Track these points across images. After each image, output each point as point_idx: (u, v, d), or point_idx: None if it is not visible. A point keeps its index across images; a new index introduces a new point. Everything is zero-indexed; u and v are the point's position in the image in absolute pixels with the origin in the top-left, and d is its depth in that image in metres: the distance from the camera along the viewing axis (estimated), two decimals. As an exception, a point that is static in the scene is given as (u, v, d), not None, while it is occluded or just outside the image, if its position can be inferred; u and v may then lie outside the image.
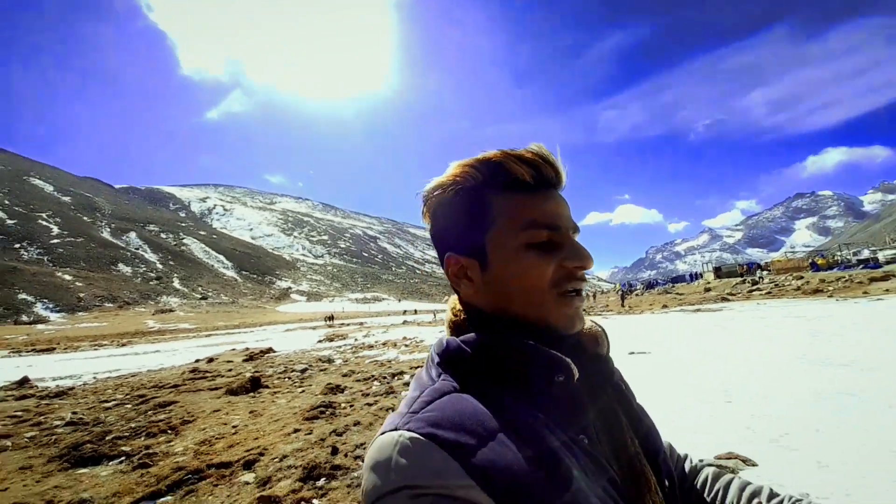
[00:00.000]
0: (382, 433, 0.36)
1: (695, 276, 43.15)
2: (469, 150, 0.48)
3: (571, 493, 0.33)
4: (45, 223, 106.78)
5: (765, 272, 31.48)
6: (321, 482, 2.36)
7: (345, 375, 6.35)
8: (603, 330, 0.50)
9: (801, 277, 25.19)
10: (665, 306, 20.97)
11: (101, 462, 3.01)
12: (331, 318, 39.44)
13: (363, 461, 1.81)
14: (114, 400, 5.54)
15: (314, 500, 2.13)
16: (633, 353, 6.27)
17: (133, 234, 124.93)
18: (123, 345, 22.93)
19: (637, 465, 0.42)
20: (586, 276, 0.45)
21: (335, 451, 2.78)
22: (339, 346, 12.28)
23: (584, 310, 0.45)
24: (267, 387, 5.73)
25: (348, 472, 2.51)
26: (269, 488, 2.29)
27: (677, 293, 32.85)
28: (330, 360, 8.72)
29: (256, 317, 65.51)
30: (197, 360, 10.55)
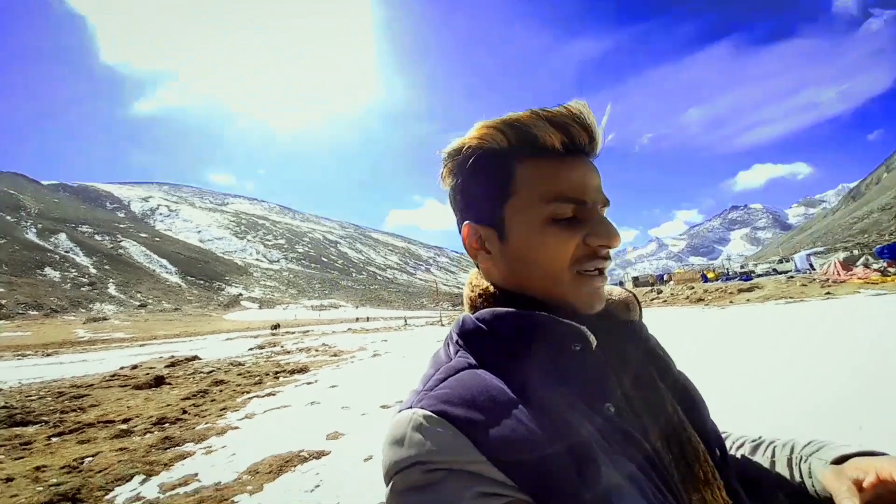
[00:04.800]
0: (399, 411, 0.36)
1: (620, 284, 47.74)
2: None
3: (591, 465, 0.32)
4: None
5: (670, 283, 35.81)
6: (166, 427, 4.11)
7: (239, 374, 7.96)
8: (634, 295, 0.48)
9: (692, 288, 29.24)
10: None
11: (28, 424, 4.54)
12: (276, 326, 39.57)
13: (196, 422, 3.93)
14: (37, 396, 6.82)
15: (157, 428, 3.89)
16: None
17: (63, 236, 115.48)
18: (49, 354, 22.47)
19: (683, 434, 0.40)
20: (610, 256, 0.43)
21: (185, 412, 4.53)
22: (263, 353, 13.63)
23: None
24: (169, 384, 7.23)
25: (186, 423, 4.26)
26: (130, 429, 4.01)
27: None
28: (242, 364, 10.19)
29: (200, 325, 63.40)
30: (121, 368, 11.53)
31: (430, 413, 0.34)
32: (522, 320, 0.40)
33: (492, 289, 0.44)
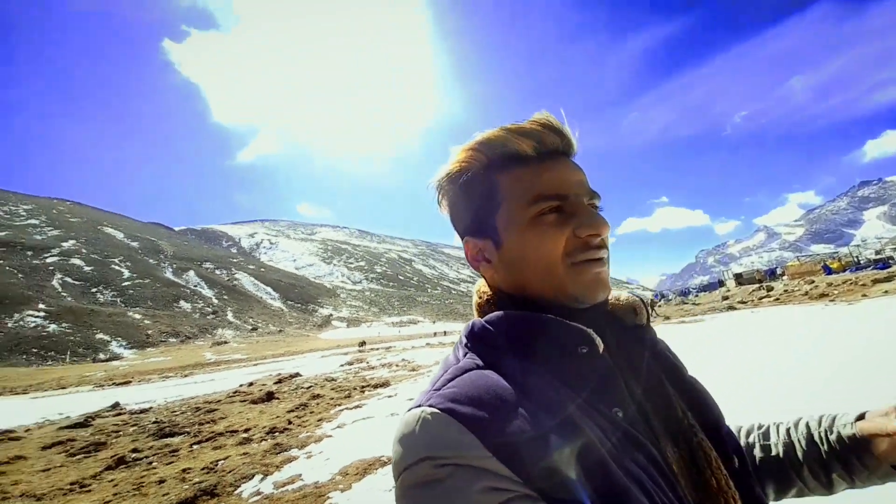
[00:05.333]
0: (408, 410, 0.37)
1: (720, 284, 42.41)
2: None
3: (597, 467, 0.33)
4: (117, 268, 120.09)
5: (784, 277, 31.01)
6: (277, 435, 4.85)
7: (332, 389, 8.87)
8: (641, 299, 0.49)
9: (812, 282, 25.04)
10: (667, 318, 21.84)
11: (175, 435, 5.67)
12: (363, 343, 42.42)
13: (300, 431, 4.75)
14: (180, 411, 8.35)
15: (270, 437, 4.62)
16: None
17: (192, 273, 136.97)
18: (186, 375, 26.86)
19: (693, 440, 0.40)
20: (606, 243, 0.44)
21: (290, 422, 5.28)
22: (352, 369, 14.85)
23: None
24: (277, 398, 8.35)
25: (292, 432, 4.98)
26: (250, 437, 4.81)
27: (693, 303, 32.92)
28: (334, 380, 11.28)
29: (300, 344, 70.19)
30: (241, 385, 13.47)
31: (437, 410, 0.35)
32: (529, 322, 0.41)
33: (498, 294, 0.46)
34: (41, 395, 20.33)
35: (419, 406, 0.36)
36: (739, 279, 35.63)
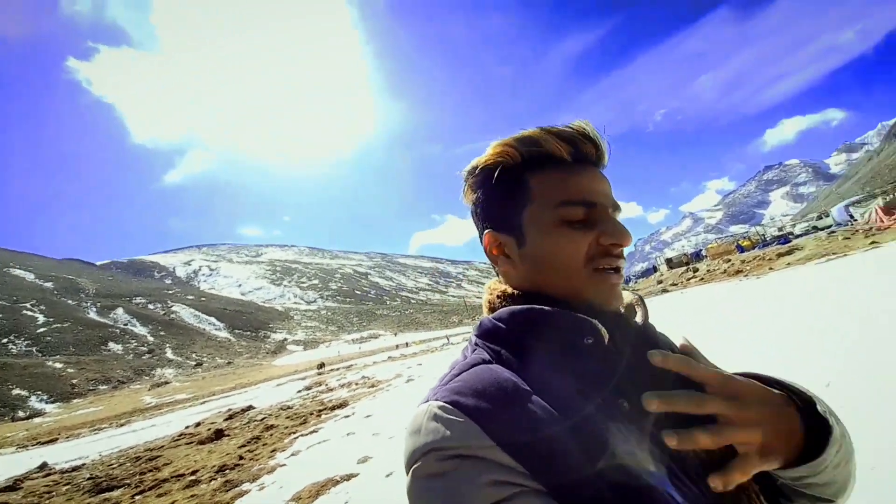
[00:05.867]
0: (418, 406, 0.38)
1: (654, 269, 46.12)
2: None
3: (602, 453, 0.33)
4: (30, 313, 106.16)
5: (706, 259, 34.46)
6: (227, 472, 4.73)
7: (287, 417, 8.63)
8: (640, 298, 0.50)
9: (729, 261, 28.06)
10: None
11: (114, 489, 5.31)
12: (322, 365, 40.91)
13: (251, 465, 4.65)
14: (117, 464, 7.71)
15: (220, 475, 4.50)
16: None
17: (120, 310, 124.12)
18: (122, 425, 24.34)
19: None
20: (623, 255, 0.45)
21: (241, 458, 5.16)
22: (310, 393, 14.41)
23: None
24: (228, 435, 7.99)
25: (243, 467, 4.87)
26: (198, 479, 4.65)
27: (633, 290, 35.47)
28: (290, 408, 10.92)
29: (252, 375, 66.07)
30: (186, 427, 12.56)
31: (443, 403, 0.36)
32: (533, 314, 0.42)
33: (510, 290, 0.47)
34: (-54, 468, 17.53)
35: (427, 401, 0.37)
36: (670, 263, 38.94)
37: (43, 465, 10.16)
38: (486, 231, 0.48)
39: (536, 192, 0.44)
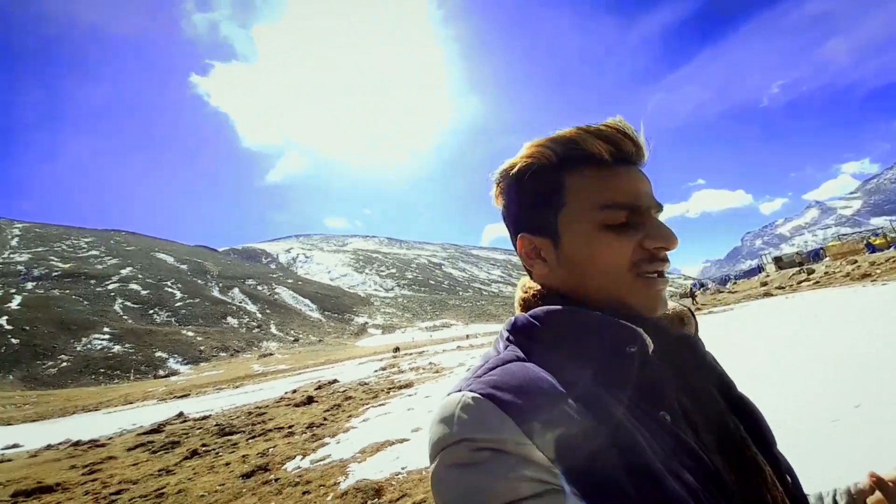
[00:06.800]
0: (448, 394, 0.37)
1: (759, 269, 40.57)
2: (489, 175, 0.48)
3: (642, 469, 0.32)
4: (170, 290, 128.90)
5: (825, 259, 29.48)
6: (314, 429, 5.89)
7: (364, 392, 9.91)
8: (689, 310, 0.48)
9: (855, 262, 23.74)
10: (698, 309, 21.50)
11: (234, 434, 6.86)
12: (397, 349, 43.78)
13: (332, 425, 5.87)
14: (235, 416, 9.66)
15: (309, 430, 5.67)
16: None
17: (236, 290, 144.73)
18: (237, 387, 29.07)
19: (747, 453, 0.39)
20: (667, 258, 0.42)
21: (325, 419, 6.33)
22: (385, 374, 15.96)
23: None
24: (316, 401, 9.49)
25: (326, 426, 6.00)
26: (293, 431, 5.88)
27: (729, 291, 31.85)
28: (367, 384, 12.38)
29: (338, 353, 72.95)
30: (286, 392, 14.87)
31: (477, 395, 0.35)
32: (576, 317, 0.40)
33: (545, 290, 0.45)
34: (112, 411, 22.87)
35: (459, 391, 0.36)
36: (780, 263, 34.01)
37: (180, 414, 12.90)
38: (520, 235, 0.46)
39: (574, 193, 0.42)
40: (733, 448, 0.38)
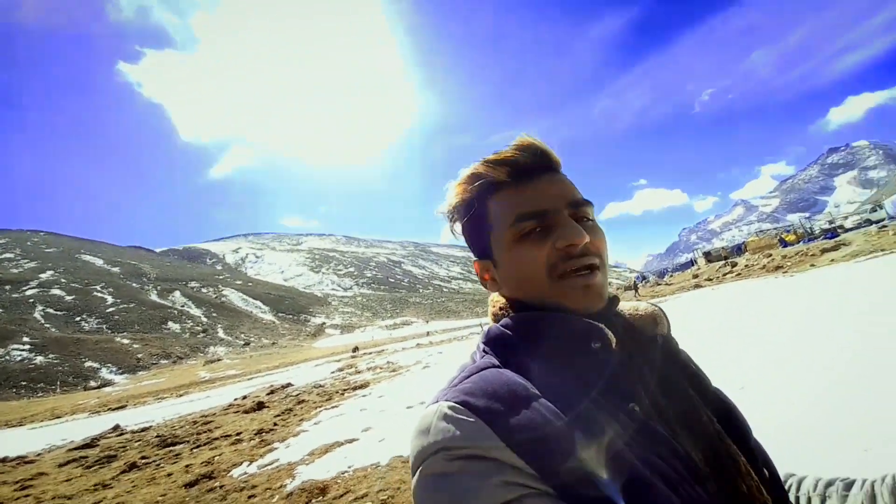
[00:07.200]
0: (426, 406, 0.38)
1: (692, 263, 44.36)
2: (474, 161, 0.52)
3: (615, 459, 0.33)
4: (99, 294, 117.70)
5: (746, 253, 32.85)
6: (263, 434, 5.84)
7: (318, 395, 9.82)
8: (661, 310, 0.50)
9: (770, 255, 26.68)
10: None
11: (177, 444, 6.61)
12: (356, 349, 43.09)
13: (282, 430, 5.80)
14: (179, 426, 9.22)
15: (258, 436, 5.61)
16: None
17: (177, 293, 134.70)
18: (181, 395, 27.27)
19: (720, 446, 0.40)
20: (593, 250, 0.45)
21: (276, 424, 6.28)
22: (341, 374, 15.79)
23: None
24: (267, 407, 9.29)
25: (276, 431, 5.96)
26: (241, 438, 5.79)
27: (667, 283, 34.58)
28: (321, 386, 12.23)
29: (294, 355, 70.37)
30: (235, 399, 14.28)
31: (452, 403, 0.36)
32: (539, 319, 0.43)
33: (509, 301, 0.49)
34: (39, 426, 20.70)
35: (436, 402, 0.38)
36: (709, 257, 37.43)
37: (116, 427, 12.04)
38: (474, 260, 0.52)
39: (494, 216, 0.47)
40: (707, 441, 0.40)
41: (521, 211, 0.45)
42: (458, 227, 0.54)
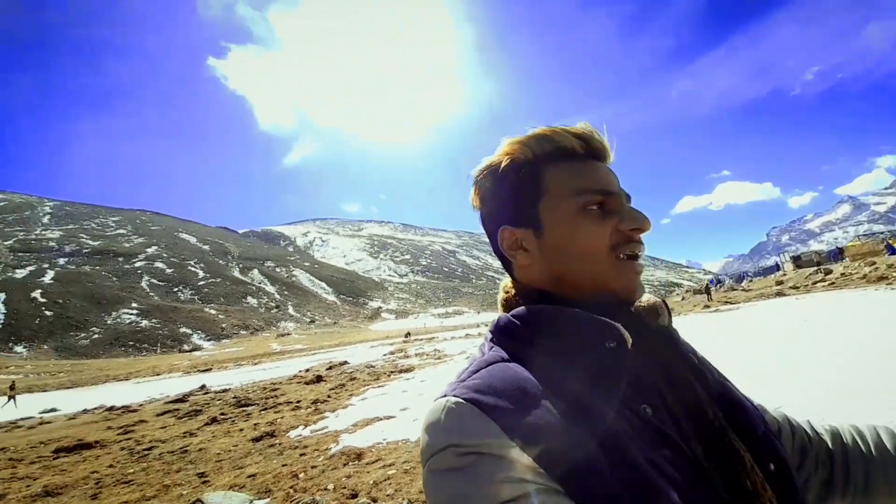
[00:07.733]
0: (434, 400, 0.38)
1: (777, 268, 39.67)
2: (469, 174, 0.51)
3: (623, 461, 0.33)
4: (193, 269, 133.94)
5: (845, 259, 28.72)
6: (318, 404, 6.61)
7: (368, 374, 10.66)
8: (663, 301, 0.48)
9: (873, 263, 23.13)
10: (707, 306, 21.38)
11: (249, 405, 7.67)
12: (408, 334, 44.95)
13: (334, 402, 6.53)
14: (251, 390, 10.56)
15: (313, 405, 6.38)
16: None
17: (256, 271, 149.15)
18: (256, 364, 30.73)
19: (725, 441, 0.39)
20: (643, 241, 0.45)
21: (329, 397, 7.04)
22: (392, 358, 16.77)
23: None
24: (324, 381, 10.30)
25: (329, 402, 6.70)
26: (299, 405, 6.62)
27: (744, 289, 31.42)
28: (373, 367, 13.16)
29: (352, 336, 75.13)
30: (299, 371, 15.89)
31: (460, 400, 0.35)
32: (556, 315, 0.41)
33: (526, 289, 0.47)
34: (142, 381, 24.63)
35: (444, 396, 0.37)
36: (798, 262, 33.25)
37: (202, 387, 14.04)
38: (502, 228, 0.47)
39: (552, 183, 0.44)
40: (712, 436, 0.39)
41: (589, 186, 0.43)
42: (493, 188, 0.48)
